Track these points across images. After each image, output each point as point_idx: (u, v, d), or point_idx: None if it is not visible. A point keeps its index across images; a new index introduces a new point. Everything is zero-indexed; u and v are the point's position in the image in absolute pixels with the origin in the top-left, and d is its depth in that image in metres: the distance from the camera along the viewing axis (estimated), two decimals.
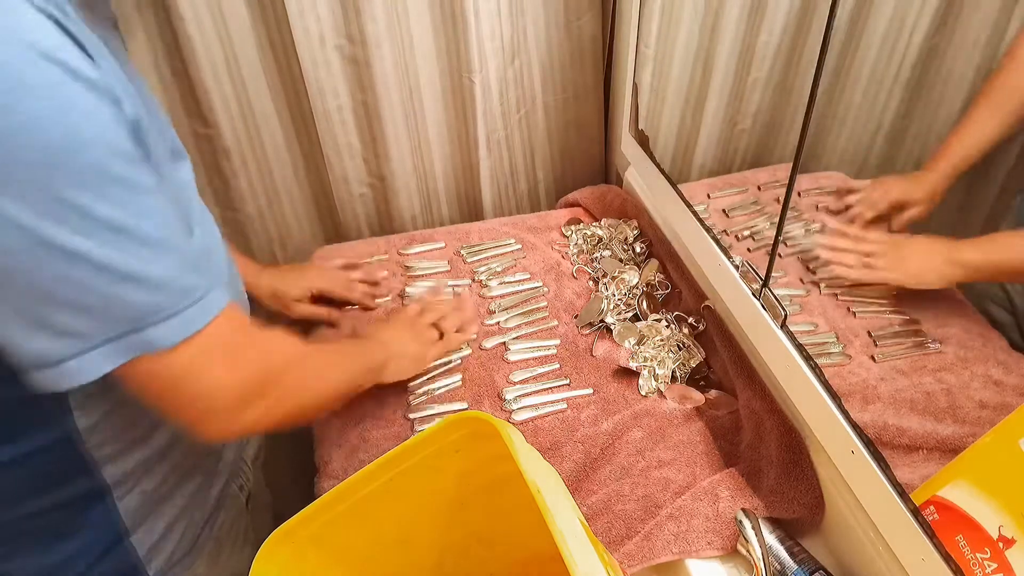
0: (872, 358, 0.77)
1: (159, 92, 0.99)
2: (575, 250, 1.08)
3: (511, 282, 1.03)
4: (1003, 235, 0.73)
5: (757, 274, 0.78)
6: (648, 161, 1.03)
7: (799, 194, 0.93)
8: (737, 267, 0.82)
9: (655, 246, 1.05)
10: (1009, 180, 0.74)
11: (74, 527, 0.60)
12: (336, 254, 1.09)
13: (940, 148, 0.77)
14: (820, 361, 0.71)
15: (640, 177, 1.10)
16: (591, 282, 1.03)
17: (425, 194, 1.18)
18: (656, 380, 0.89)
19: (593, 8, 1.10)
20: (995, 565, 0.53)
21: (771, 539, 0.70)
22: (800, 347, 0.73)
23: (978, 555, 0.55)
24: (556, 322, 0.97)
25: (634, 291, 0.99)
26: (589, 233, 1.10)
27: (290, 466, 0.99)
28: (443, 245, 1.09)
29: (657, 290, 1.00)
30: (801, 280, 0.86)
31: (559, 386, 0.89)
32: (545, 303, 1.00)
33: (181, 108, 1.01)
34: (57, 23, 0.42)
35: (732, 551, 0.71)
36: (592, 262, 1.06)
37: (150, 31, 0.94)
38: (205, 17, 0.94)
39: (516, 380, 0.90)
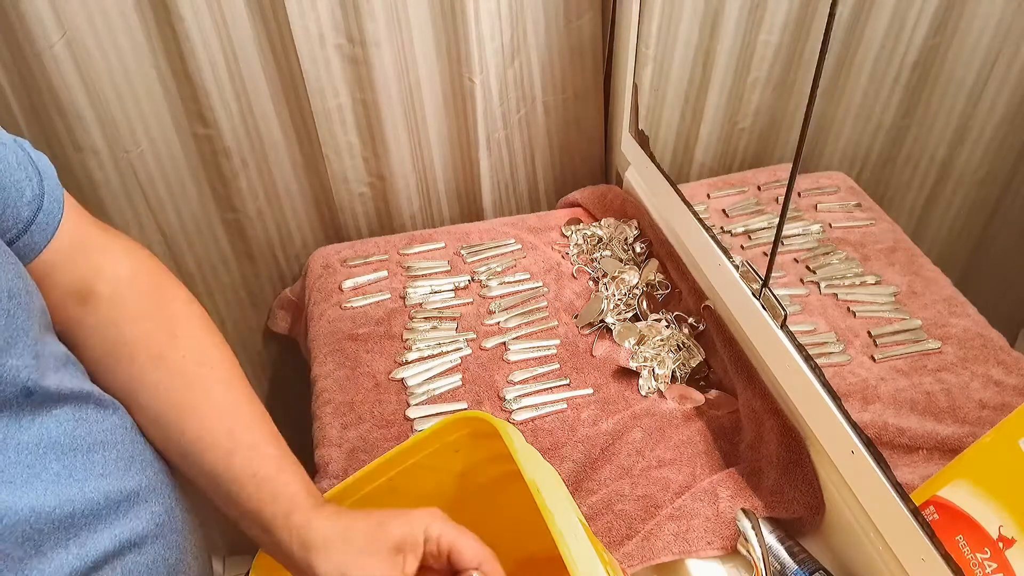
0: (872, 358, 0.77)
1: (159, 92, 0.99)
2: (575, 250, 1.08)
3: (511, 282, 1.03)
4: None
5: (757, 274, 0.78)
6: (648, 161, 1.03)
7: (799, 194, 0.93)
8: (737, 267, 0.82)
9: (655, 246, 1.05)
10: None
11: None
12: (335, 254, 1.09)
13: None
14: (820, 361, 0.71)
15: (640, 177, 1.10)
16: (591, 282, 1.03)
17: (425, 194, 1.18)
18: (656, 380, 0.89)
19: (593, 8, 1.10)
20: (995, 565, 0.53)
21: (771, 539, 0.70)
22: (800, 347, 0.73)
23: (978, 555, 0.55)
24: (556, 322, 0.97)
25: (634, 291, 0.99)
26: (589, 233, 1.10)
27: None
28: (443, 245, 1.09)
29: (657, 290, 1.00)
30: (801, 280, 0.86)
31: (559, 386, 0.89)
32: (545, 303, 1.00)
33: (181, 108, 1.01)
34: None
35: (732, 551, 0.71)
36: (592, 262, 1.06)
37: (150, 31, 0.94)
38: (205, 17, 0.93)
39: (516, 380, 0.90)
